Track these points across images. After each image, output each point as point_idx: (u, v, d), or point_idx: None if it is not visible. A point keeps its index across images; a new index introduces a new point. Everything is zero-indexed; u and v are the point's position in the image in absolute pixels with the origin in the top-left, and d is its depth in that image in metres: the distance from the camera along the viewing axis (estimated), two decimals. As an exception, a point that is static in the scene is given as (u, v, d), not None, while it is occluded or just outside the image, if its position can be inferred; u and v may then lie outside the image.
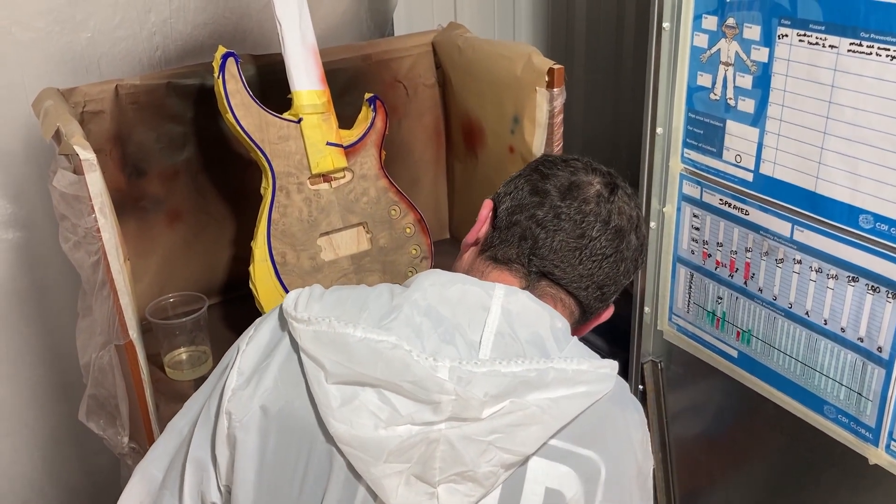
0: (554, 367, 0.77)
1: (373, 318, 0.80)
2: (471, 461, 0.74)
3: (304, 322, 0.79)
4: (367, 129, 1.27)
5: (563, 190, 0.90)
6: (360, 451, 0.75)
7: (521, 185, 0.93)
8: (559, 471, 0.78)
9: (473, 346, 0.79)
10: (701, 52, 1.22)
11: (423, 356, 0.75)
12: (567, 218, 0.89)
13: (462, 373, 0.75)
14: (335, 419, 0.75)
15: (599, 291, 0.92)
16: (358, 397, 0.76)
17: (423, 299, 0.82)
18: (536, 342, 0.81)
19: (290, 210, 1.21)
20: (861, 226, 1.07)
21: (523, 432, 0.75)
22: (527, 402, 0.76)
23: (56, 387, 1.52)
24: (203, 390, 0.87)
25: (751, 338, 1.28)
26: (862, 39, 1.00)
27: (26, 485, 1.57)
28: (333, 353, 0.77)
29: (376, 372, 0.75)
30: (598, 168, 0.94)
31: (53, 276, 1.43)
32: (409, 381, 0.74)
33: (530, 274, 0.89)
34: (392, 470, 0.75)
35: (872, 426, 1.13)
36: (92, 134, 1.22)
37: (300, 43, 1.18)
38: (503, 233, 0.91)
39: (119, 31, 1.35)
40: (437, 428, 0.75)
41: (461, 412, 0.74)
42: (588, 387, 0.79)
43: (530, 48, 1.26)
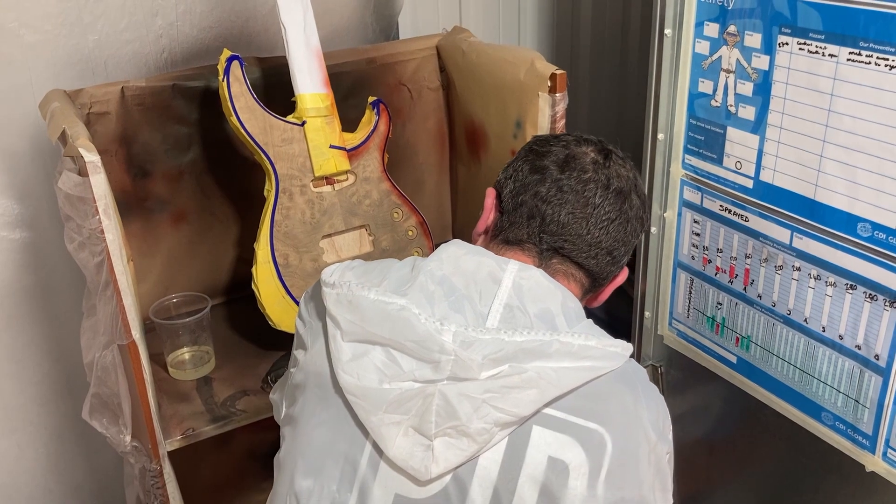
0: (559, 340, 0.80)
1: (392, 284, 0.85)
2: (464, 416, 0.78)
3: (330, 286, 0.86)
4: (371, 133, 1.28)
5: (561, 163, 0.93)
6: (363, 400, 0.80)
7: (520, 167, 0.96)
8: (561, 440, 0.80)
9: (482, 316, 0.83)
10: (702, 59, 1.23)
11: (430, 320, 0.80)
12: (569, 189, 0.91)
13: (465, 337, 0.79)
14: (344, 371, 0.82)
15: (610, 256, 0.94)
16: (367, 354, 0.81)
17: (438, 269, 0.86)
18: (545, 318, 0.83)
19: (292, 212, 1.22)
20: (859, 234, 1.07)
21: (518, 394, 0.78)
22: (525, 367, 0.79)
23: (60, 385, 1.53)
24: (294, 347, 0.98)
25: (750, 344, 1.28)
26: (861, 49, 1.00)
27: (30, 481, 1.58)
28: (349, 312, 0.83)
29: (384, 331, 0.81)
30: (588, 138, 0.97)
31: (59, 275, 1.44)
32: (413, 341, 0.79)
33: (542, 252, 0.92)
34: (390, 420, 0.79)
35: (869, 433, 1.13)
36: (98, 135, 1.23)
37: (304, 46, 1.19)
38: (511, 215, 0.94)
39: (126, 34, 1.36)
40: (436, 384, 0.79)
41: (460, 372, 0.78)
42: (593, 362, 0.81)
43: (534, 53, 1.27)
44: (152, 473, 1.16)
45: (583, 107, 2.09)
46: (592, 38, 2.07)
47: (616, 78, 2.15)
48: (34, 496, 1.60)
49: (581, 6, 2.03)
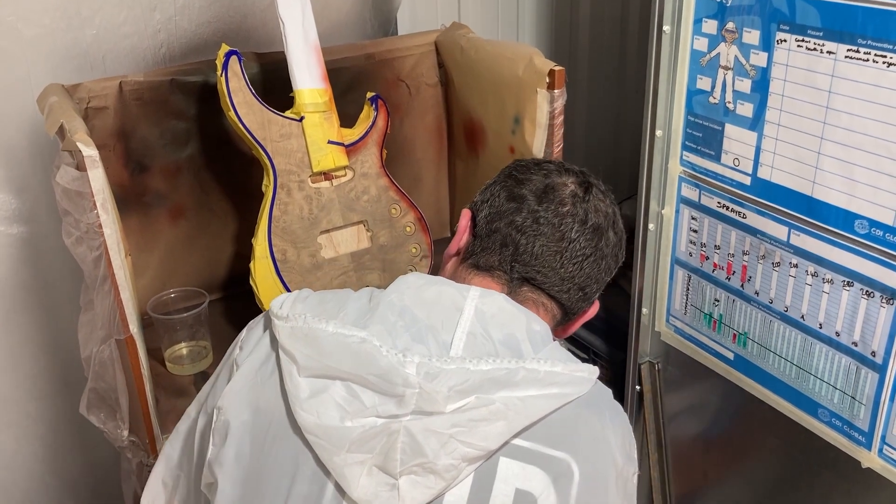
0: (525, 367, 0.78)
1: (349, 317, 0.82)
2: (431, 453, 0.75)
3: (283, 319, 0.82)
4: (369, 128, 1.28)
5: (539, 193, 0.91)
6: (325, 440, 0.77)
7: (498, 192, 0.93)
8: (528, 471, 0.78)
9: (445, 346, 0.80)
10: (701, 56, 1.23)
11: (392, 352, 0.77)
12: (546, 222, 0.90)
13: (430, 368, 0.76)
14: (303, 409, 0.78)
15: (581, 292, 0.92)
16: (327, 390, 0.78)
17: (398, 300, 0.83)
18: (510, 343, 0.82)
19: (290, 207, 1.22)
20: (856, 231, 1.07)
21: (486, 427, 0.76)
22: (492, 398, 0.76)
23: (58, 380, 1.53)
24: (210, 381, 0.92)
25: (747, 340, 1.29)
26: (859, 46, 1.00)
27: (27, 476, 1.58)
28: (306, 347, 0.79)
29: (344, 365, 0.77)
30: (570, 168, 0.95)
31: (56, 270, 1.44)
32: (375, 374, 0.76)
33: (512, 280, 0.90)
34: (354, 460, 0.76)
35: (865, 430, 1.13)
36: (96, 129, 1.23)
37: (303, 41, 1.19)
38: (484, 241, 0.92)
39: (124, 28, 1.36)
40: (401, 420, 0.76)
41: (425, 406, 0.76)
42: (561, 388, 0.79)
43: (532, 49, 1.27)
44: (149, 468, 1.16)
45: (581, 103, 2.10)
46: (591, 35, 2.07)
47: (615, 74, 2.15)
48: (31, 491, 1.60)
49: (580, 2, 2.03)
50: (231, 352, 0.90)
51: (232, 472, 0.82)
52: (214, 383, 0.89)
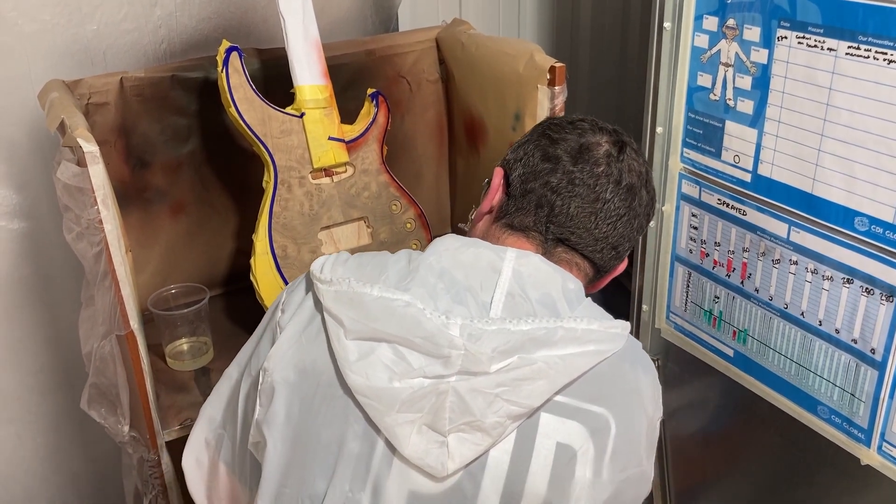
0: (563, 326, 0.80)
1: (391, 280, 0.84)
2: (478, 412, 0.78)
3: (326, 283, 0.84)
4: (370, 125, 1.28)
5: (574, 154, 0.91)
6: (375, 400, 0.79)
7: (532, 151, 0.94)
8: (568, 426, 0.80)
9: (484, 307, 0.82)
10: (701, 53, 1.23)
11: (435, 314, 0.79)
12: (581, 182, 0.90)
13: (472, 329, 0.79)
14: (352, 371, 0.80)
15: (614, 251, 0.93)
16: (374, 352, 0.80)
17: (437, 263, 0.85)
18: (547, 303, 0.83)
19: (291, 204, 1.22)
20: (856, 228, 1.07)
21: (529, 386, 0.78)
22: (534, 357, 0.78)
23: (59, 375, 1.53)
24: (249, 343, 0.94)
25: (747, 337, 1.29)
26: (860, 43, 1.00)
27: (28, 471, 1.59)
28: (352, 310, 0.81)
29: (390, 328, 0.79)
30: (604, 127, 0.95)
31: (57, 265, 1.44)
32: (421, 337, 0.78)
33: (547, 241, 0.91)
34: (404, 419, 0.79)
35: (865, 427, 1.14)
36: (97, 125, 1.23)
37: (303, 38, 1.19)
38: (518, 200, 0.93)
39: (125, 24, 1.36)
40: (448, 380, 0.78)
41: (470, 366, 0.78)
42: (597, 345, 0.82)
43: (533, 46, 1.27)
44: (150, 463, 1.16)
45: (582, 100, 2.09)
46: (592, 31, 2.07)
47: (615, 71, 2.15)
48: (32, 486, 1.60)
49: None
50: (272, 315, 0.91)
51: (281, 432, 0.84)
52: (257, 345, 0.91)
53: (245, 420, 0.90)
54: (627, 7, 2.09)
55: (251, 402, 0.88)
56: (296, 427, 0.84)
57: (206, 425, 0.96)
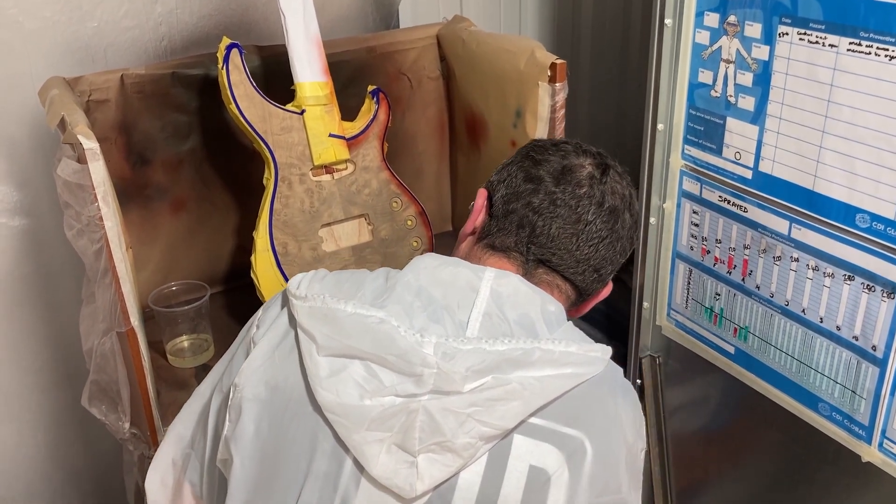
0: (540, 348, 0.79)
1: (367, 297, 0.83)
2: (449, 432, 0.76)
3: (301, 299, 0.83)
4: (370, 121, 1.28)
5: (557, 175, 0.91)
6: (344, 418, 0.78)
7: (515, 173, 0.94)
8: (542, 449, 0.79)
9: (461, 326, 0.81)
10: (702, 49, 1.22)
11: (410, 332, 0.78)
12: (563, 203, 0.90)
13: (447, 348, 0.77)
14: (322, 388, 0.78)
15: (596, 274, 0.93)
16: (346, 369, 0.79)
17: (415, 280, 0.84)
18: (525, 324, 0.83)
19: (291, 201, 1.22)
20: (858, 225, 1.07)
21: (503, 407, 0.77)
22: (509, 378, 0.77)
23: (59, 372, 1.53)
24: (223, 359, 0.93)
25: (748, 334, 1.29)
26: (861, 39, 1.00)
27: (30, 468, 1.59)
28: (325, 326, 0.80)
29: (363, 345, 0.78)
30: (588, 150, 0.95)
31: (58, 263, 1.44)
32: (394, 355, 0.77)
33: (528, 262, 0.90)
34: (373, 437, 0.77)
35: (866, 424, 1.13)
36: (97, 123, 1.23)
37: (304, 34, 1.19)
38: (500, 221, 0.92)
39: (125, 21, 1.36)
40: (419, 399, 0.77)
41: (443, 385, 0.77)
42: (575, 368, 0.80)
43: (534, 43, 1.27)
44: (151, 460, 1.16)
45: (583, 97, 2.09)
46: (593, 28, 2.06)
47: (617, 68, 2.14)
48: (33, 483, 1.61)
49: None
50: (247, 330, 0.90)
51: (249, 449, 0.83)
52: (230, 361, 0.90)
53: (214, 437, 0.88)
54: (628, 3, 2.08)
55: (221, 418, 0.87)
56: (264, 444, 0.82)
57: (175, 444, 0.94)
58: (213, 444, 0.88)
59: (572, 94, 1.25)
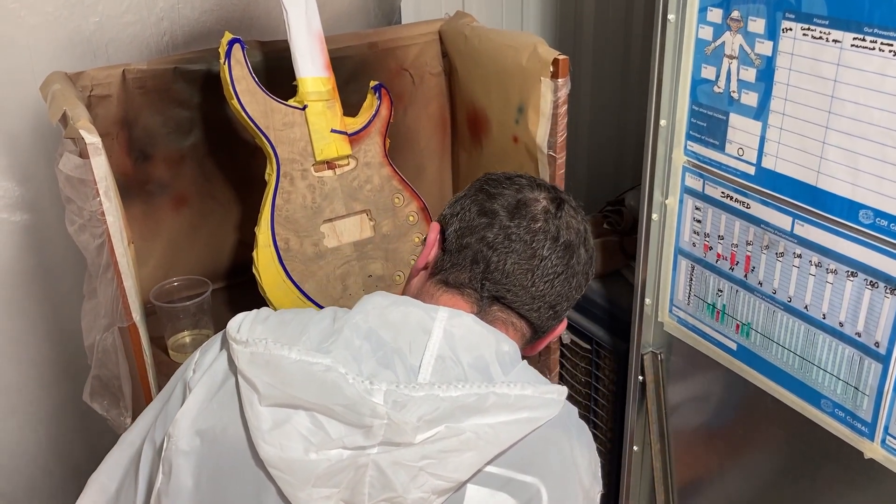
0: (495, 392, 0.76)
1: (312, 341, 0.79)
2: (401, 487, 0.73)
3: (242, 343, 0.78)
4: (372, 117, 1.28)
5: (511, 209, 0.89)
6: (288, 474, 0.73)
7: (468, 206, 0.91)
8: (497, 498, 0.76)
9: (413, 370, 0.78)
10: (705, 45, 1.22)
11: (358, 379, 0.74)
12: (517, 238, 0.88)
13: (398, 396, 0.74)
14: (265, 442, 0.74)
15: (552, 311, 0.90)
16: (290, 420, 0.74)
17: (364, 322, 0.80)
18: (479, 366, 0.80)
19: (293, 196, 1.22)
20: (861, 221, 1.07)
21: (457, 458, 0.74)
22: (462, 427, 0.74)
23: (61, 367, 1.53)
24: (154, 404, 0.88)
25: (750, 331, 1.28)
26: (865, 34, 1.00)
27: (31, 462, 1.59)
28: (267, 374, 0.75)
29: (309, 395, 0.74)
30: (542, 184, 0.93)
31: (60, 258, 1.44)
32: (341, 405, 0.73)
33: (482, 299, 0.88)
34: (319, 495, 0.73)
35: (868, 420, 1.13)
36: (99, 118, 1.23)
37: (306, 30, 1.19)
38: (454, 256, 0.89)
39: (127, 16, 1.36)
40: (369, 452, 0.73)
41: (393, 437, 0.73)
42: (531, 412, 0.78)
43: (536, 38, 1.27)
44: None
45: (585, 92, 2.09)
46: (596, 24, 2.06)
47: (619, 64, 2.14)
48: (34, 477, 1.61)
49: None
50: (182, 374, 0.85)
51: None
52: (164, 408, 0.84)
53: (147, 490, 0.83)
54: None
55: (154, 469, 0.82)
56: (202, 501, 0.77)
57: (97, 496, 0.87)
58: (145, 497, 0.84)
59: (575, 90, 1.25)
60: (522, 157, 1.32)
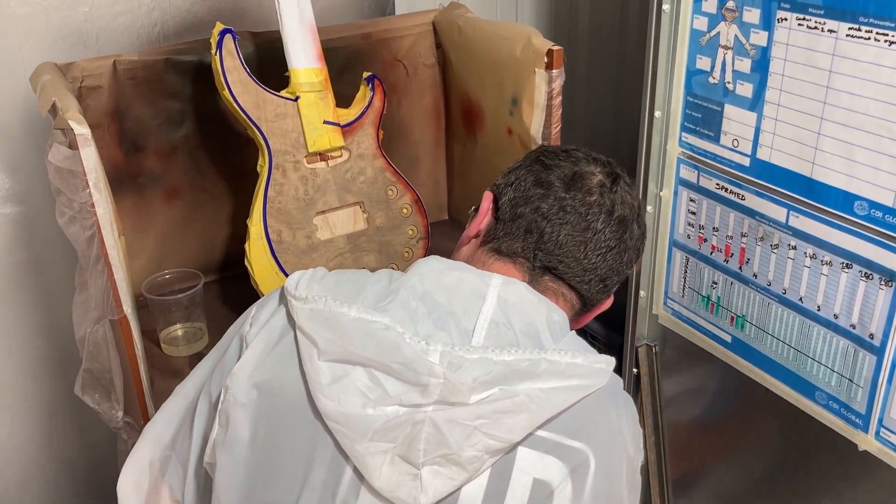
0: (547, 359, 0.77)
1: (369, 300, 0.80)
2: (455, 444, 0.75)
3: (301, 300, 0.80)
4: (365, 108, 1.27)
5: (567, 181, 0.90)
6: (346, 427, 0.75)
7: (524, 177, 0.92)
8: (547, 462, 0.78)
9: (467, 334, 0.79)
10: (700, 35, 1.21)
11: (415, 339, 0.76)
12: (572, 210, 0.88)
13: (453, 357, 0.75)
14: (324, 395, 0.76)
15: (602, 284, 0.91)
16: (348, 376, 0.76)
17: (420, 284, 0.82)
18: (531, 333, 0.81)
19: (286, 188, 1.21)
20: (856, 212, 1.07)
21: (510, 420, 0.75)
22: (516, 390, 0.75)
23: (53, 361, 1.53)
24: (210, 357, 0.90)
25: (744, 323, 1.28)
26: (861, 24, 0.99)
27: (23, 456, 1.58)
28: (327, 330, 0.77)
29: (367, 352, 0.76)
30: (598, 158, 0.94)
31: (51, 250, 1.43)
32: (399, 363, 0.75)
33: (534, 268, 0.89)
34: (376, 448, 0.75)
35: (862, 413, 1.13)
36: (90, 109, 1.22)
37: (298, 20, 1.18)
38: (507, 225, 0.90)
39: (117, 7, 1.35)
40: (424, 410, 0.75)
41: (449, 396, 0.74)
42: (581, 380, 0.79)
43: (530, 29, 1.26)
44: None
45: (580, 84, 2.08)
46: (591, 14, 2.05)
47: (614, 54, 2.13)
48: (27, 471, 1.60)
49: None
50: (239, 328, 0.87)
51: (242, 454, 0.80)
52: (220, 361, 0.86)
53: (202, 440, 0.85)
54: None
55: (209, 421, 0.84)
56: (259, 450, 0.80)
57: (152, 446, 0.90)
58: (201, 447, 0.85)
59: (569, 81, 1.24)
60: (517, 148, 1.31)
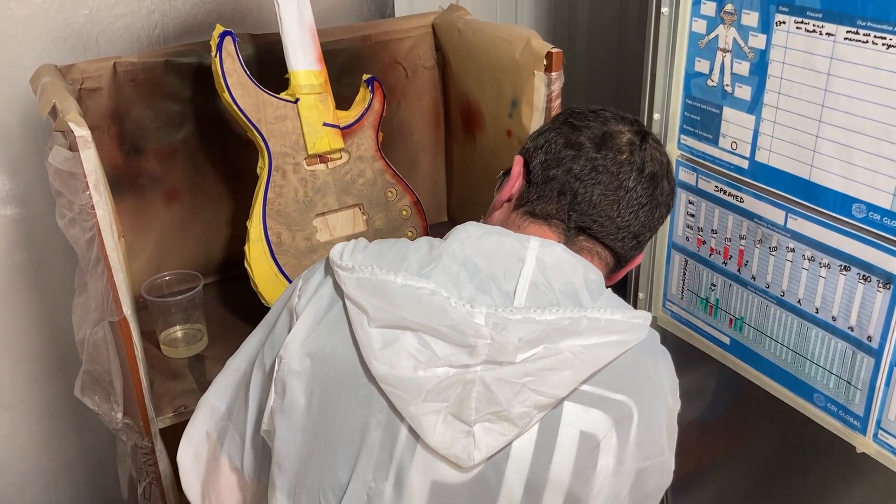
0: (587, 316, 0.80)
1: (412, 267, 0.83)
2: (505, 401, 0.77)
3: (348, 270, 0.83)
4: (365, 111, 1.27)
5: (597, 141, 0.91)
6: (400, 389, 0.78)
7: (554, 139, 0.93)
8: (592, 415, 0.80)
9: (508, 295, 0.82)
10: (699, 38, 1.22)
11: (460, 303, 0.79)
12: (604, 170, 0.90)
13: (497, 319, 0.78)
14: (377, 360, 0.79)
15: (635, 240, 0.93)
16: (398, 340, 0.79)
17: (460, 250, 0.84)
18: (570, 292, 0.83)
19: (285, 190, 1.21)
20: (854, 215, 1.07)
21: (556, 376, 0.78)
22: (560, 347, 0.78)
23: (52, 362, 1.53)
24: (258, 332, 0.93)
25: (743, 325, 1.28)
26: (859, 28, 1.00)
27: (23, 458, 1.58)
28: (375, 298, 0.80)
29: (416, 316, 0.79)
30: (626, 116, 0.95)
31: (50, 252, 1.43)
32: (447, 326, 0.78)
33: (569, 229, 0.91)
34: (430, 408, 0.78)
35: (860, 415, 1.13)
36: (90, 111, 1.22)
37: (298, 22, 1.18)
38: (540, 188, 0.92)
39: (117, 9, 1.35)
40: (474, 370, 0.78)
41: (496, 356, 0.77)
42: (620, 336, 0.81)
43: (530, 32, 1.26)
44: (144, 451, 1.16)
45: (579, 86, 2.08)
46: (590, 17, 2.05)
47: (613, 57, 2.13)
48: (26, 473, 1.60)
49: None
50: (286, 302, 0.89)
51: (299, 421, 0.83)
52: (270, 333, 0.89)
53: (258, 410, 0.88)
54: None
55: (264, 391, 0.87)
56: (316, 417, 0.83)
57: (208, 416, 0.94)
58: (257, 416, 0.88)
59: (568, 84, 1.24)
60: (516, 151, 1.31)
